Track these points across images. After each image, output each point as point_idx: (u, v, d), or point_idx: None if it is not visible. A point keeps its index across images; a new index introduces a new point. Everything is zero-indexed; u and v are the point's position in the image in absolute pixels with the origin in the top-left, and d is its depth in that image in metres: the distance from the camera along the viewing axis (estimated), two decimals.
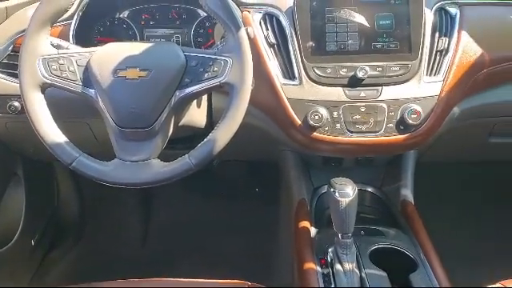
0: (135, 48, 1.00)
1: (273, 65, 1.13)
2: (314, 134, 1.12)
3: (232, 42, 0.97)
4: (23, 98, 0.98)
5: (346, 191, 0.99)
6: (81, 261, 1.89)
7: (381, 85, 1.11)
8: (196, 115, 1.18)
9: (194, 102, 1.13)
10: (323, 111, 1.10)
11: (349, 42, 1.12)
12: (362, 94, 1.11)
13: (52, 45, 1.02)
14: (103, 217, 2.04)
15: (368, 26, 1.12)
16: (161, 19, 1.37)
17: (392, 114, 1.10)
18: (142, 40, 1.36)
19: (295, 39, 1.12)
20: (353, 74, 1.10)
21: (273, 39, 1.14)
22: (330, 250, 1.06)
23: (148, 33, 1.37)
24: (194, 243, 1.92)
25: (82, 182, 1.97)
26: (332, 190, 1.00)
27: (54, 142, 0.99)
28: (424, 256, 1.07)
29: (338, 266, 1.00)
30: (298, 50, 1.12)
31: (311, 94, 1.11)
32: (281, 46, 1.14)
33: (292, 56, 1.13)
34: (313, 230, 1.19)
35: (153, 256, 1.90)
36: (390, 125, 1.10)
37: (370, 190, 1.36)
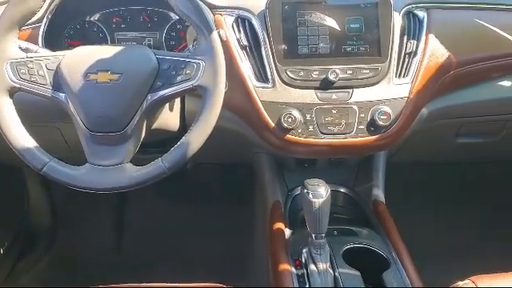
0: (106, 51, 0.99)
1: (246, 67, 1.14)
2: (288, 136, 1.12)
3: (204, 44, 0.97)
4: None
5: (319, 192, 1.00)
6: (53, 268, 1.86)
7: (352, 87, 1.12)
8: (169, 118, 1.17)
9: (167, 105, 1.13)
10: (296, 113, 1.11)
11: (320, 45, 1.14)
12: (334, 97, 1.12)
13: (20, 48, 1.00)
14: (75, 223, 2.00)
15: (339, 30, 1.14)
16: (132, 22, 1.36)
17: (363, 115, 1.12)
18: (112, 43, 1.35)
19: (268, 42, 1.13)
20: (324, 76, 1.11)
21: (245, 42, 1.14)
22: (304, 250, 1.06)
23: (119, 36, 1.35)
24: (170, 247, 1.91)
25: (52, 188, 1.94)
26: (305, 191, 1.01)
27: (24, 148, 0.97)
28: (396, 254, 1.08)
29: (312, 267, 1.01)
30: (270, 53, 1.13)
31: (284, 97, 1.12)
32: (253, 49, 1.15)
33: (265, 59, 1.14)
34: (287, 232, 1.19)
35: (128, 261, 1.88)
36: (361, 126, 1.12)
37: (342, 190, 1.37)
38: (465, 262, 1.34)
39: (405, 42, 1.15)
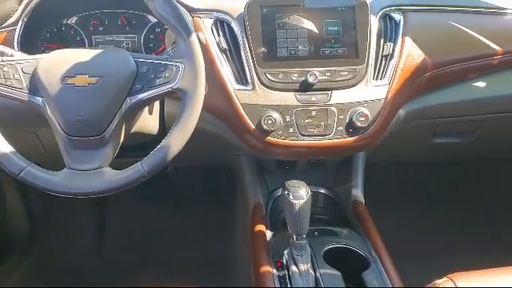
0: (84, 54, 0.98)
1: (225, 70, 1.14)
2: (268, 138, 1.13)
3: (183, 47, 0.97)
4: None
5: (300, 193, 1.00)
6: (31, 275, 1.82)
7: (330, 89, 1.13)
8: (148, 122, 1.16)
9: (146, 108, 1.12)
10: (276, 115, 1.11)
11: (299, 47, 1.14)
12: (313, 99, 1.13)
13: None
14: (54, 228, 1.97)
15: (317, 32, 1.15)
16: (110, 25, 1.35)
17: (342, 117, 1.13)
18: (90, 46, 1.34)
19: (247, 45, 1.13)
20: (304, 78, 1.12)
21: (225, 45, 1.14)
22: (285, 252, 1.07)
23: (97, 39, 1.34)
24: (151, 251, 1.90)
25: (30, 193, 1.90)
26: (286, 192, 1.01)
27: (0, 152, 0.95)
28: (375, 254, 1.10)
29: (294, 268, 1.02)
30: (249, 56, 1.13)
31: (264, 99, 1.12)
32: (233, 52, 1.15)
33: (244, 61, 1.14)
34: (268, 233, 1.20)
35: (109, 266, 1.86)
36: (340, 128, 1.13)
37: (322, 191, 1.38)
38: (443, 260, 1.36)
39: (382, 44, 1.16)
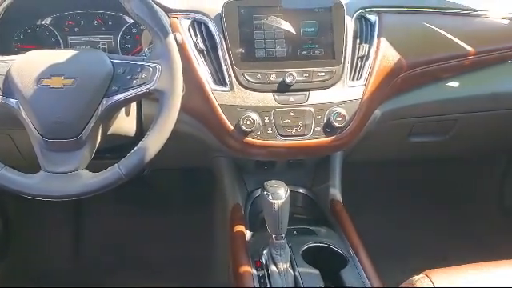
0: (59, 56, 0.97)
1: (203, 71, 1.13)
2: (247, 138, 1.13)
3: (160, 48, 0.96)
4: None
5: (279, 193, 1.01)
6: (7, 278, 1.78)
7: (308, 90, 1.14)
8: (125, 123, 1.15)
9: (123, 109, 1.11)
10: (255, 116, 1.11)
11: (277, 48, 1.15)
12: (291, 99, 1.13)
13: None
14: (30, 233, 1.93)
15: (294, 33, 1.15)
16: (86, 26, 1.33)
17: (319, 117, 1.13)
18: (66, 47, 1.32)
19: (224, 46, 1.13)
20: (282, 79, 1.12)
21: (202, 45, 1.14)
22: (264, 251, 1.08)
23: (72, 40, 1.33)
24: (130, 254, 1.88)
25: (4, 197, 1.86)
26: (265, 192, 1.02)
27: None
28: (353, 252, 1.11)
29: (273, 267, 1.03)
30: (227, 57, 1.13)
31: (242, 100, 1.12)
32: (210, 52, 1.14)
33: (222, 62, 1.13)
34: (248, 234, 1.20)
35: (87, 270, 1.84)
36: (318, 128, 1.13)
37: (301, 191, 1.39)
38: (420, 257, 1.39)
39: (357, 45, 1.18)
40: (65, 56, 0.97)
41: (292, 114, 1.13)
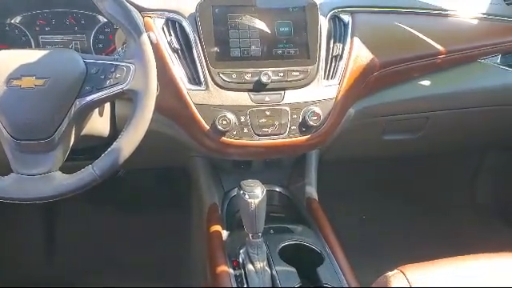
0: (30, 55, 0.95)
1: (177, 70, 1.13)
2: (223, 138, 1.13)
3: (134, 47, 0.95)
4: None
5: (255, 192, 1.01)
6: None
7: (283, 89, 1.14)
8: (99, 124, 1.14)
9: (96, 110, 1.10)
10: (231, 116, 1.11)
11: (252, 47, 1.14)
12: (267, 99, 1.14)
13: None
14: (1, 236, 1.89)
15: (269, 33, 1.15)
16: (57, 25, 1.30)
17: (295, 116, 1.14)
18: (37, 47, 1.29)
19: (199, 45, 1.12)
20: (257, 78, 1.12)
21: (176, 45, 1.13)
22: (241, 251, 1.08)
23: (44, 39, 1.30)
24: (106, 256, 1.85)
25: None
26: (242, 192, 1.02)
27: None
28: (329, 249, 1.12)
29: (250, 266, 1.03)
30: (202, 56, 1.12)
31: (218, 99, 1.12)
32: (185, 52, 1.14)
33: (197, 61, 1.13)
34: (224, 233, 1.20)
35: (61, 271, 1.80)
36: (294, 127, 1.14)
37: (278, 189, 1.40)
38: (394, 253, 1.41)
39: (331, 45, 1.19)
40: (36, 56, 0.95)
41: (268, 113, 1.13)
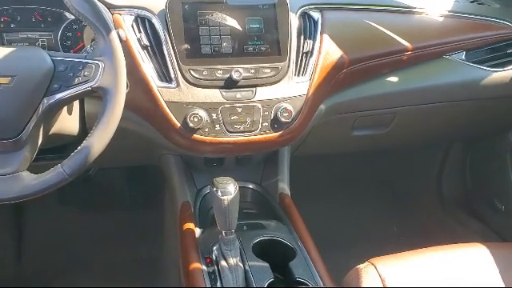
0: None
1: (148, 67, 1.12)
2: (195, 135, 1.12)
3: (103, 44, 0.94)
4: None
5: (228, 189, 1.01)
6: None
7: (255, 86, 1.15)
8: (68, 122, 1.12)
9: (65, 108, 1.08)
10: (202, 113, 1.11)
11: (223, 44, 1.15)
12: (238, 96, 1.14)
13: None
14: None
15: (240, 30, 1.16)
16: (23, 22, 1.27)
17: (267, 113, 1.15)
18: (1, 45, 1.25)
19: (169, 42, 1.12)
20: (228, 75, 1.12)
21: (146, 41, 1.12)
22: (214, 248, 1.08)
23: (9, 37, 1.26)
24: (77, 257, 1.82)
25: None
26: (214, 189, 1.02)
27: None
28: (302, 244, 1.14)
29: (223, 263, 1.03)
30: (172, 53, 1.12)
31: (189, 97, 1.12)
32: (155, 49, 1.13)
33: (167, 58, 1.12)
34: (197, 231, 1.20)
35: (30, 275, 1.77)
36: (266, 123, 1.15)
37: (250, 186, 1.40)
38: (365, 246, 1.44)
39: (302, 41, 1.20)
40: (0, 53, 0.93)
41: (240, 110, 1.14)
